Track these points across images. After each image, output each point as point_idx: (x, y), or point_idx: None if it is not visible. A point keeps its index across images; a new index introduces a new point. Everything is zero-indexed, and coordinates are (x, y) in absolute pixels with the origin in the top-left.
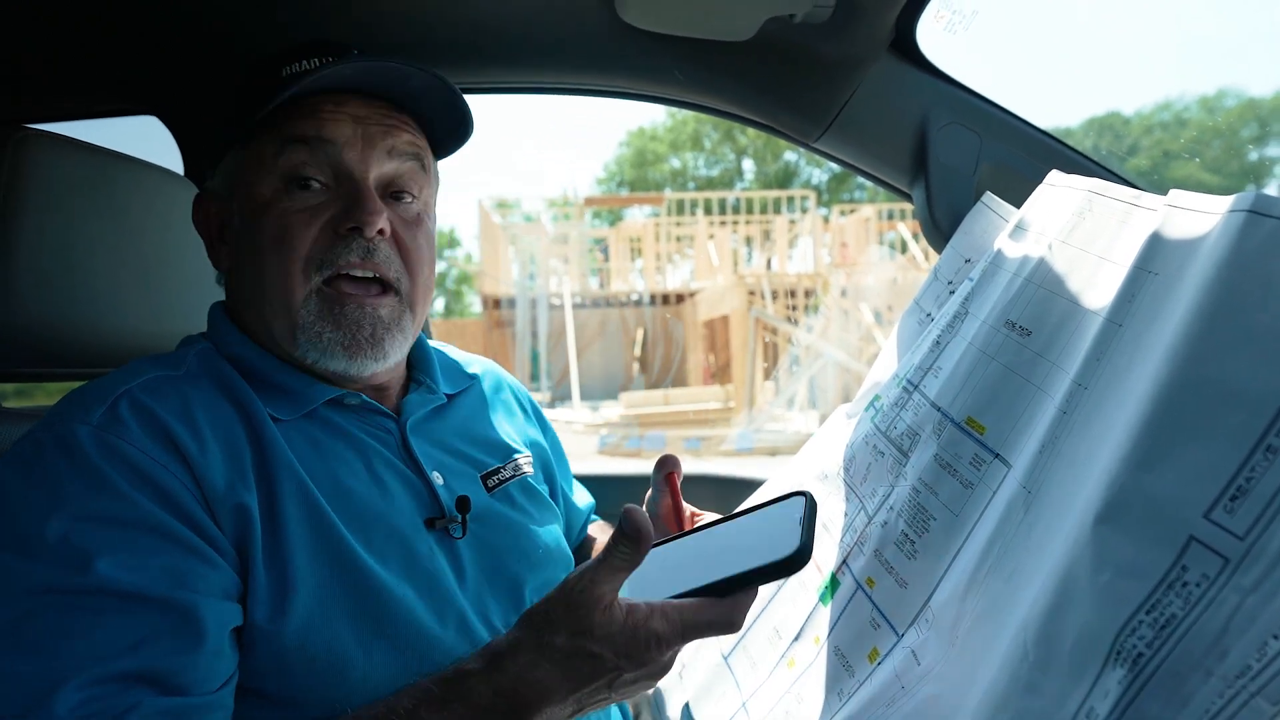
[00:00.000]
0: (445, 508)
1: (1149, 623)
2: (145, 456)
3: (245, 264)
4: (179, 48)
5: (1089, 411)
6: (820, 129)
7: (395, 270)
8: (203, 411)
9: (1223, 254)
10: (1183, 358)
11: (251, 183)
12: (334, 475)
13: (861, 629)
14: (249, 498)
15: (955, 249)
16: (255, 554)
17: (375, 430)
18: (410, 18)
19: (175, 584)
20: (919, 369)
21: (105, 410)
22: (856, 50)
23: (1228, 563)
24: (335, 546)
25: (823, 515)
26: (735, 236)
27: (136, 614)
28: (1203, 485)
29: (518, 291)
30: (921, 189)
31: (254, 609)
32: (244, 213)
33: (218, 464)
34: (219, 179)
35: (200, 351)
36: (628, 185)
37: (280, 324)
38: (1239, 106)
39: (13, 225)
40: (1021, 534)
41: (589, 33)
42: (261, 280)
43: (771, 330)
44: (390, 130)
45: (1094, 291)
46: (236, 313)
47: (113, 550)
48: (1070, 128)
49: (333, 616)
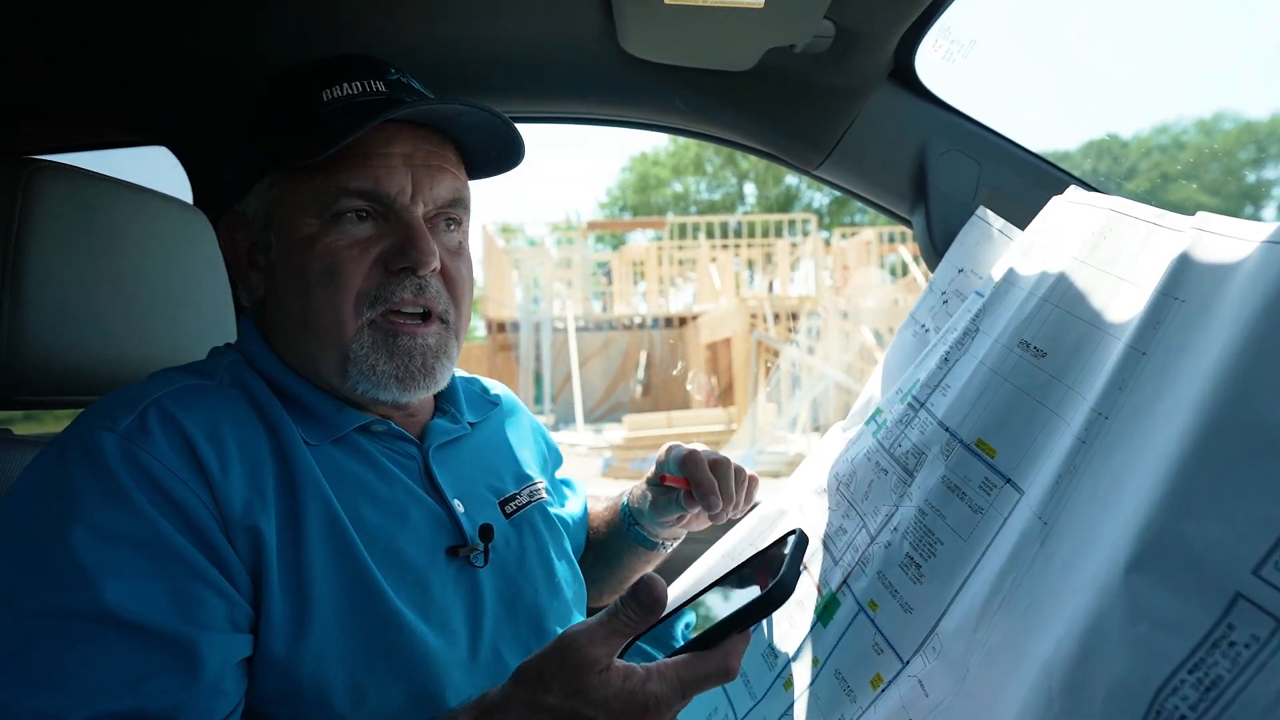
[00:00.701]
0: (468, 535)
1: (1192, 683)
2: (167, 471)
3: (287, 295)
4: (189, 79)
5: (1111, 443)
6: (821, 156)
7: (444, 303)
8: (230, 426)
9: (1267, 289)
10: (1225, 398)
11: (295, 214)
12: (356, 502)
13: (864, 653)
14: (265, 522)
15: (949, 260)
16: (271, 579)
17: (399, 456)
18: (418, 49)
19: (180, 615)
20: (926, 386)
21: (133, 419)
22: (856, 79)
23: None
24: (357, 575)
25: (819, 531)
26: (737, 260)
27: (138, 646)
28: (1251, 539)
29: (521, 315)
30: (921, 215)
31: (268, 635)
32: (286, 244)
33: (239, 484)
34: (253, 204)
35: (231, 363)
36: (630, 209)
37: (330, 356)
38: (1236, 129)
39: (25, 255)
40: (1038, 567)
41: (592, 63)
42: (308, 314)
43: (773, 352)
44: (437, 165)
45: (1114, 314)
46: (270, 338)
47: (121, 573)
48: (1068, 151)
49: (349, 647)
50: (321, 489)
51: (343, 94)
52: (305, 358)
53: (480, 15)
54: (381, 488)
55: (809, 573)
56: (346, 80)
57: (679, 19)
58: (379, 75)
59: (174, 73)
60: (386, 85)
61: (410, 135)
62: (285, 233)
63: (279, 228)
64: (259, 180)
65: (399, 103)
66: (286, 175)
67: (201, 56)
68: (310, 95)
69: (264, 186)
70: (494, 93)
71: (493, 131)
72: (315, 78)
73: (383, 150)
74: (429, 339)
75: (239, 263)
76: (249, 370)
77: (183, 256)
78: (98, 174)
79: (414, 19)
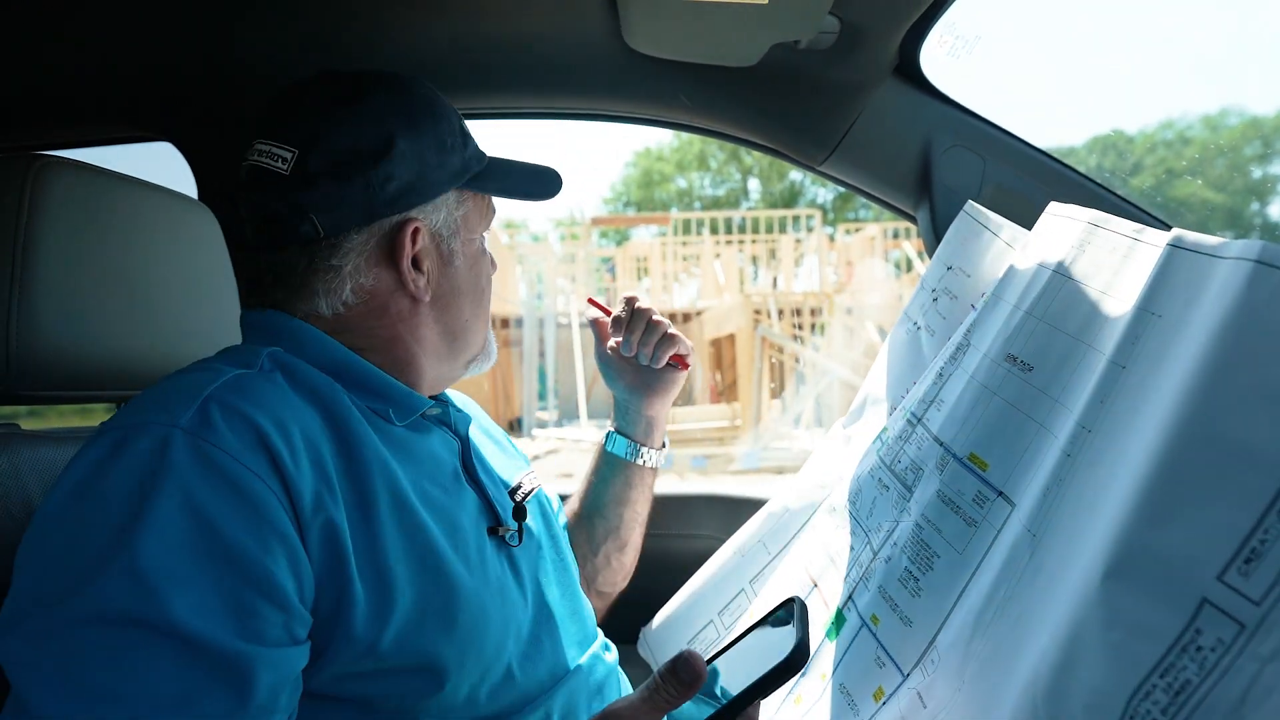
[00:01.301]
0: (502, 516)
1: (1163, 687)
2: (238, 464)
3: (463, 300)
4: (194, 76)
5: (1092, 457)
6: (825, 152)
7: None
8: (290, 413)
9: (1230, 304)
10: (1191, 410)
11: (472, 229)
12: (421, 484)
13: (867, 667)
14: (336, 512)
15: (939, 258)
16: (349, 569)
17: (447, 440)
18: (424, 46)
19: (238, 630)
20: (923, 401)
21: (194, 412)
22: (861, 75)
23: (1243, 629)
24: (433, 555)
25: (830, 549)
26: (741, 255)
27: (192, 661)
28: (1215, 546)
29: (525, 311)
30: (926, 211)
31: (351, 622)
32: (467, 255)
33: (308, 473)
34: (442, 213)
35: (271, 353)
36: (634, 205)
37: (473, 349)
38: (1242, 125)
39: (33, 250)
40: (1027, 578)
41: (597, 59)
42: (478, 318)
43: (778, 349)
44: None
45: (1096, 328)
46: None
47: (181, 582)
48: (1074, 146)
49: (430, 624)
50: (386, 465)
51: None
52: (445, 357)
53: (486, 12)
54: (439, 468)
55: (820, 590)
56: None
57: (684, 15)
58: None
59: (179, 69)
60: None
61: None
62: (467, 244)
63: (463, 239)
64: (444, 192)
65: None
66: (469, 196)
67: (206, 53)
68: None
69: (449, 200)
70: (500, 89)
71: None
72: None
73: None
74: None
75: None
76: (295, 359)
77: (188, 251)
78: (104, 169)
79: (420, 16)
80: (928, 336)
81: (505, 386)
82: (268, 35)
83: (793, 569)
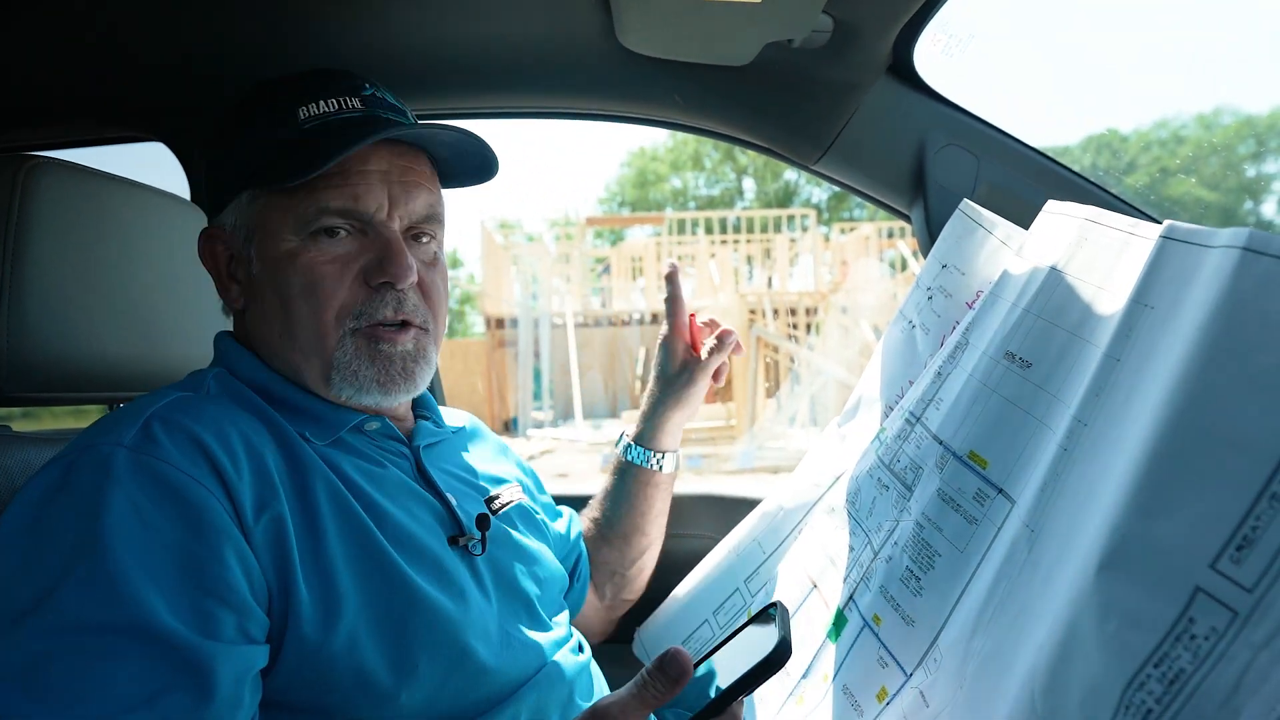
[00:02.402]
0: (465, 526)
1: (1157, 677)
2: (180, 473)
3: (269, 309)
4: (185, 75)
5: (1088, 450)
6: (819, 152)
7: (422, 315)
8: (231, 425)
9: (1219, 292)
10: (1182, 400)
11: (274, 230)
12: (366, 493)
13: (869, 667)
14: (281, 516)
15: (934, 256)
16: (294, 569)
17: (392, 455)
18: (415, 47)
19: (196, 629)
20: (921, 400)
21: (137, 430)
22: (854, 74)
23: (1236, 616)
24: (378, 559)
25: (829, 550)
26: (736, 255)
27: (155, 661)
28: (1207, 534)
29: (520, 311)
30: (920, 211)
31: (299, 624)
32: (267, 259)
33: (250, 478)
34: (231, 218)
35: (216, 375)
36: (629, 205)
37: (313, 365)
38: (1236, 124)
39: (23, 251)
40: (1026, 574)
41: (591, 59)
42: (291, 327)
43: (773, 348)
44: (413, 181)
45: (1092, 323)
46: (252, 346)
47: (141, 585)
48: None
49: (380, 629)
50: (326, 476)
51: (319, 111)
52: (290, 367)
53: (478, 12)
54: (382, 481)
55: (819, 591)
56: (323, 98)
57: (677, 14)
58: (355, 92)
59: (170, 69)
60: (363, 102)
61: (386, 152)
62: (266, 248)
63: (259, 243)
64: (237, 195)
65: (376, 120)
66: (266, 192)
67: (197, 52)
68: (288, 113)
69: (242, 202)
70: (492, 89)
71: (468, 147)
72: (291, 94)
73: (360, 168)
74: (408, 344)
75: (219, 275)
76: (235, 381)
77: (180, 252)
78: (96, 170)
79: (411, 15)
80: (923, 335)
81: (500, 386)
82: (260, 35)
83: (791, 570)
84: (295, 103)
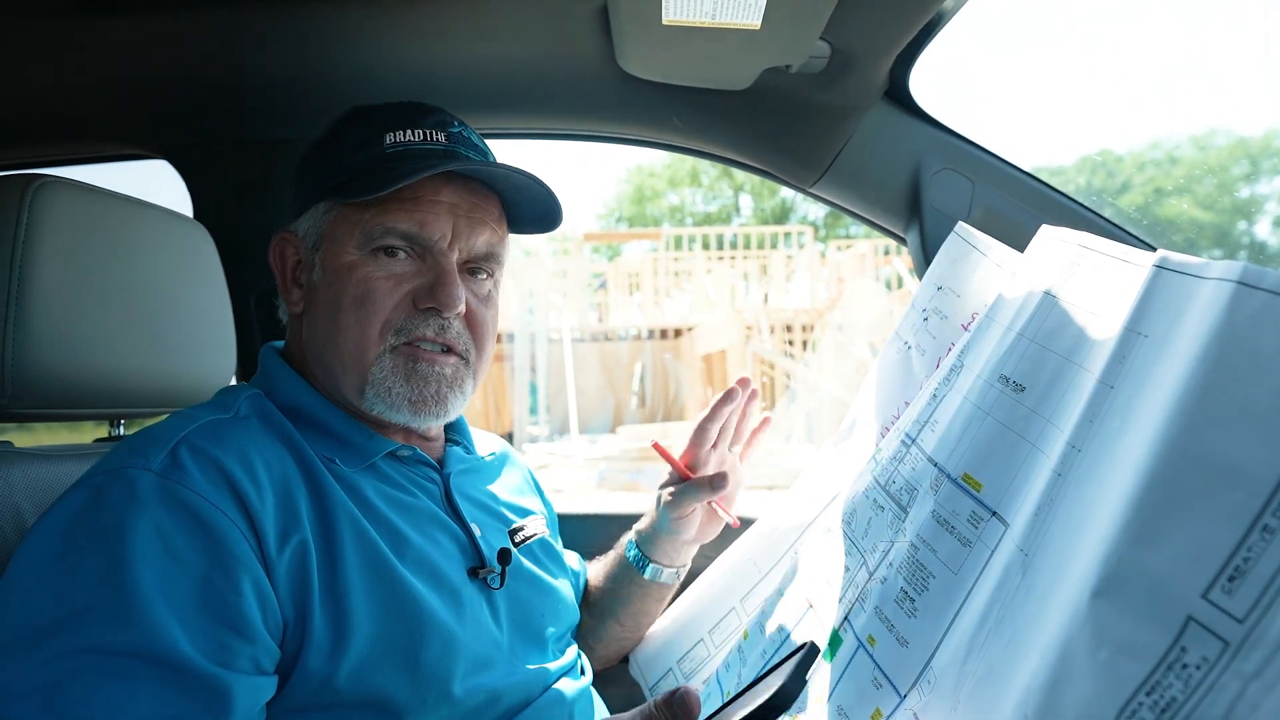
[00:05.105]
0: (486, 558)
1: (1149, 705)
2: (205, 503)
3: (321, 315)
4: (189, 94)
5: (1082, 476)
6: (816, 174)
7: (464, 344)
8: (258, 453)
9: (1213, 325)
10: (1176, 429)
11: (340, 241)
12: (389, 522)
13: (864, 688)
14: (304, 545)
15: (929, 278)
16: (313, 598)
17: (422, 480)
18: (420, 68)
19: (217, 658)
20: (916, 422)
21: (165, 456)
22: (851, 99)
23: (1228, 646)
24: (394, 590)
25: (825, 571)
26: (733, 271)
27: (174, 687)
28: (1199, 564)
29: (517, 326)
30: (916, 233)
31: (308, 655)
32: (328, 267)
33: (273, 509)
34: (305, 225)
35: (250, 397)
36: (626, 221)
37: (350, 376)
38: (1230, 144)
39: (29, 269)
40: (1020, 598)
41: (591, 82)
42: (336, 335)
43: (769, 365)
44: (479, 219)
45: (1085, 349)
46: (296, 356)
47: (162, 613)
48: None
49: (389, 659)
50: (348, 508)
51: (405, 140)
52: (329, 377)
53: (482, 36)
54: (409, 509)
55: (815, 611)
56: (411, 127)
57: (677, 39)
58: (442, 127)
59: (174, 88)
60: (448, 137)
61: (460, 187)
62: (329, 257)
63: (325, 251)
64: (314, 205)
65: (454, 156)
66: (340, 205)
67: (201, 72)
68: (376, 136)
69: (318, 211)
70: (495, 111)
71: (536, 194)
72: (383, 121)
73: (432, 197)
74: (445, 369)
75: (284, 278)
76: (269, 403)
77: (184, 269)
78: (101, 188)
79: (416, 39)
80: (918, 356)
81: (496, 401)
82: (265, 57)
83: (788, 591)
84: (385, 129)
